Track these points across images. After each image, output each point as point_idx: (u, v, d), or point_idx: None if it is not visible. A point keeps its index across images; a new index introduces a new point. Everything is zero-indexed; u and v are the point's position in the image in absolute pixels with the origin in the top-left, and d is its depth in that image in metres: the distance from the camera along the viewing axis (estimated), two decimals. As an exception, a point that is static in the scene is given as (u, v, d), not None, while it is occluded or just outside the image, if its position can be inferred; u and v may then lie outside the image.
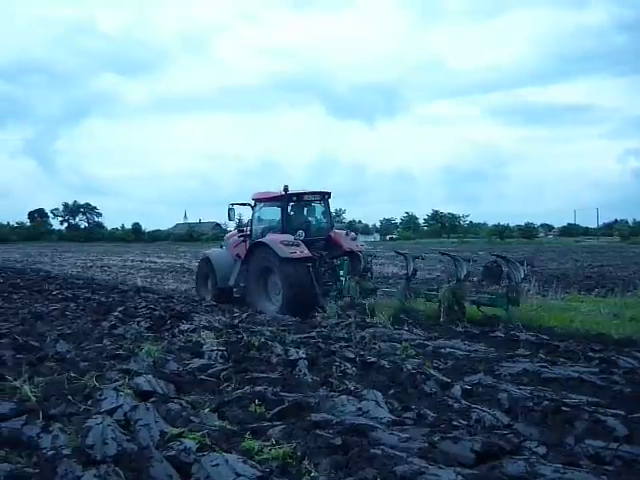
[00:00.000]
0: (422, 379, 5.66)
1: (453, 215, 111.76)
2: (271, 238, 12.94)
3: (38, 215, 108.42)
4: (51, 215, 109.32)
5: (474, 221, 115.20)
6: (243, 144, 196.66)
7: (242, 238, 14.40)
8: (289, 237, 12.74)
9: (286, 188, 13.60)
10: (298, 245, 12.48)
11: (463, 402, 4.96)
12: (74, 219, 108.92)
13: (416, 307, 11.32)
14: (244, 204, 14.96)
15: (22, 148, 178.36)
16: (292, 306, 11.94)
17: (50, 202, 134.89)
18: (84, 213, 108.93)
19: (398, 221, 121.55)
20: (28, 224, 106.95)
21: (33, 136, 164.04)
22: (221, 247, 16.09)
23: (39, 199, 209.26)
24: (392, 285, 16.57)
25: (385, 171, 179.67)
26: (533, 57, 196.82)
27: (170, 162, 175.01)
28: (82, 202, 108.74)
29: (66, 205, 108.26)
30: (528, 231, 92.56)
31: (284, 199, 13.67)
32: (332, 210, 14.77)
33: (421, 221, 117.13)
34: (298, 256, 12.19)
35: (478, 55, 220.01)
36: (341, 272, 12.65)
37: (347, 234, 14.13)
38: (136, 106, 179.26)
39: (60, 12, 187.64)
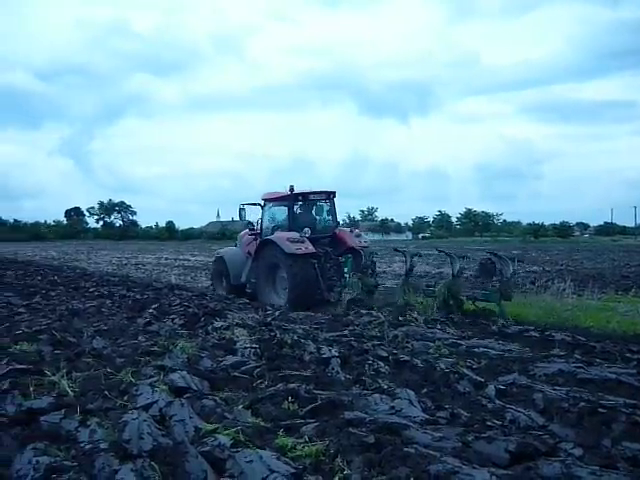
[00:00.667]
0: (455, 378, 5.62)
1: (486, 214, 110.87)
2: (278, 235, 13.66)
3: (74, 213, 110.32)
4: (87, 213, 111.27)
5: (508, 220, 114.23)
6: (275, 143, 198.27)
7: (253, 236, 15.13)
8: (295, 234, 13.39)
9: (292, 188, 14.24)
10: (303, 242, 13.13)
11: (497, 402, 4.91)
12: (109, 217, 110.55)
13: (415, 302, 11.63)
14: (254, 204, 15.57)
15: (59, 147, 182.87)
16: (297, 300, 12.64)
17: (86, 201, 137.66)
18: (119, 211, 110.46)
19: (431, 219, 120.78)
20: (65, 222, 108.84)
21: (69, 136, 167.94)
22: (235, 245, 16.71)
23: (75, 198, 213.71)
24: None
25: (418, 169, 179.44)
26: (568, 53, 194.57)
27: (203, 161, 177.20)
28: (117, 201, 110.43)
29: (101, 204, 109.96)
30: (563, 230, 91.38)
31: (290, 199, 14.36)
32: (338, 208, 15.30)
33: (454, 219, 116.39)
34: (303, 252, 12.91)
35: (512, 51, 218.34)
36: (345, 269, 13.26)
37: (351, 231, 14.68)
38: (170, 106, 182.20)
39: (96, 14, 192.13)
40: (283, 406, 4.72)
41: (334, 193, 15.06)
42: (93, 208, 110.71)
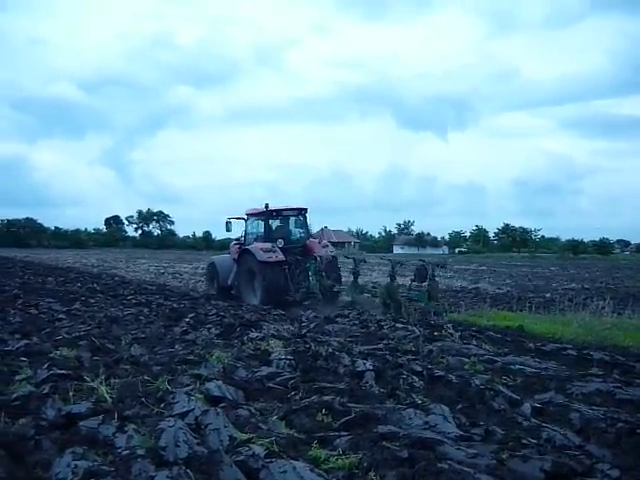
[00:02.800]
0: (491, 395, 5.56)
1: (524, 229, 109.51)
2: (254, 246, 16.25)
3: (114, 222, 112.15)
4: (126, 222, 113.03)
5: (546, 235, 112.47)
6: (313, 154, 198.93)
7: (238, 246, 17.51)
8: (268, 245, 15.78)
9: (267, 205, 16.67)
10: (275, 251, 15.55)
11: (533, 420, 4.84)
12: (148, 226, 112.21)
13: (361, 301, 14.83)
14: (240, 218, 18.04)
15: (100, 157, 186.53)
16: (268, 300, 15.12)
17: (125, 210, 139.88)
18: (157, 221, 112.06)
19: (468, 234, 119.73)
20: (104, 231, 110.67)
21: (111, 146, 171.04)
22: (228, 253, 18.67)
23: (115, 206, 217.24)
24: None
25: (455, 183, 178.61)
26: (609, 68, 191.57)
27: (241, 172, 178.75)
28: (156, 210, 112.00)
29: (140, 213, 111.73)
30: (603, 247, 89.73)
31: (267, 214, 16.82)
32: (309, 222, 17.58)
33: (491, 234, 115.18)
34: (273, 260, 15.38)
35: (552, 66, 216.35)
36: (309, 272, 15.58)
37: (319, 242, 16.90)
38: (209, 117, 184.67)
39: (140, 27, 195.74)
40: (317, 418, 4.73)
41: (306, 209, 17.46)
42: (132, 217, 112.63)
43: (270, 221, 16.95)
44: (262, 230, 16.93)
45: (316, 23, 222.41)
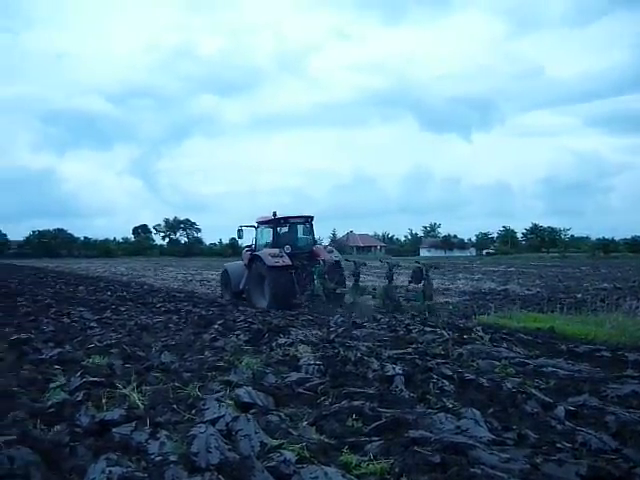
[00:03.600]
0: (523, 398, 5.48)
1: (553, 229, 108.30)
2: (263, 251, 17.14)
3: (141, 231, 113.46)
4: (153, 231, 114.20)
5: (576, 235, 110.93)
6: (337, 159, 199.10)
7: (249, 252, 18.43)
8: (276, 250, 16.73)
9: (275, 214, 17.71)
10: (282, 256, 16.44)
11: (567, 424, 4.78)
12: (175, 234, 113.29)
13: (364, 302, 15.67)
14: (250, 226, 19.06)
15: (127, 168, 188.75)
16: (276, 303, 15.89)
17: (152, 218, 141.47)
18: (184, 229, 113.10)
19: (495, 235, 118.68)
20: (132, 240, 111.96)
21: (138, 156, 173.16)
22: (242, 260, 19.44)
23: (142, 216, 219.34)
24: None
25: (481, 184, 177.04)
26: (635, 62, 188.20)
27: (266, 178, 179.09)
28: (182, 218, 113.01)
29: (167, 221, 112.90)
30: (635, 245, 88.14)
31: (275, 222, 17.87)
32: (315, 229, 18.67)
33: (519, 235, 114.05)
34: (280, 264, 16.19)
35: (577, 62, 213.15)
36: (314, 277, 16.36)
37: (325, 248, 18.58)
38: (234, 125, 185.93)
39: (164, 39, 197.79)
40: (347, 423, 4.72)
41: (312, 217, 18.53)
42: (159, 225, 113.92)
43: (278, 228, 17.97)
44: (270, 237, 17.95)
45: (336, 28, 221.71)
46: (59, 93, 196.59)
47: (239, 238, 19.89)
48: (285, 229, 18.29)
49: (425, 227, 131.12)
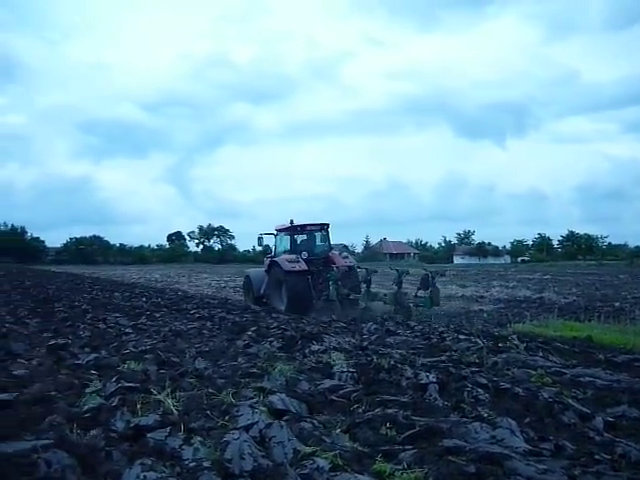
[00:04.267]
0: (560, 409, 5.38)
1: (590, 236, 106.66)
2: (281, 257, 18.19)
3: (176, 238, 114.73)
4: (187, 238, 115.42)
5: (613, 242, 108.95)
6: (370, 166, 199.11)
7: (269, 258, 19.57)
8: (293, 256, 17.71)
9: (292, 221, 18.87)
10: (298, 262, 17.35)
11: (605, 435, 4.68)
12: (209, 241, 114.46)
13: (374, 307, 16.95)
14: (270, 233, 20.27)
15: (162, 175, 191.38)
16: (293, 306, 16.65)
17: (187, 226, 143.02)
18: (218, 236, 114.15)
19: (530, 243, 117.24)
20: (167, 246, 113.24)
21: (172, 164, 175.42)
22: (263, 266, 20.50)
23: (177, 223, 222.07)
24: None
25: (516, 191, 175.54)
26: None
27: (299, 185, 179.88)
28: (216, 225, 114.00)
29: (201, 228, 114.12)
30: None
31: (292, 229, 19.02)
32: (331, 236, 19.54)
33: (555, 242, 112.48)
34: (297, 269, 17.10)
35: (614, 67, 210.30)
36: (330, 282, 17.24)
37: (340, 254, 19.12)
38: (267, 132, 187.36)
39: (197, 47, 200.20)
40: (381, 431, 4.68)
41: (328, 225, 19.39)
42: (193, 232, 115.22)
43: (295, 236, 19.15)
44: (288, 244, 18.99)
45: (369, 35, 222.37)
46: (96, 102, 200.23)
47: (259, 246, 21.32)
48: (302, 236, 19.44)
49: (459, 234, 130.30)
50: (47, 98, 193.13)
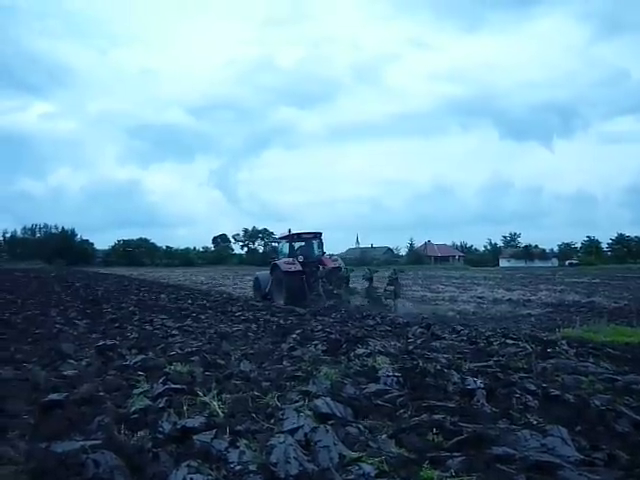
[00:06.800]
0: (612, 417, 5.20)
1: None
2: (280, 260, 22.19)
3: (221, 240, 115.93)
4: (232, 240, 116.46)
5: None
6: (415, 169, 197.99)
7: (272, 262, 23.06)
8: (290, 259, 21.63)
9: (289, 230, 23.07)
10: (294, 264, 21.17)
11: (662, 445, 4.52)
12: (253, 244, 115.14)
13: (351, 299, 20.50)
14: (274, 241, 25.57)
15: (208, 179, 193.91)
16: (289, 301, 19.98)
17: (232, 228, 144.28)
18: (262, 238, 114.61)
19: (578, 245, 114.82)
20: (212, 249, 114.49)
21: (218, 167, 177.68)
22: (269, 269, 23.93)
23: (222, 225, 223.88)
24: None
25: (564, 193, 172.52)
26: None
27: (343, 188, 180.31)
28: (260, 227, 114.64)
29: (246, 231, 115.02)
30: None
31: (290, 237, 23.06)
32: (325, 242, 23.37)
33: (604, 245, 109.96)
34: (293, 270, 20.90)
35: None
36: (320, 281, 20.81)
37: (330, 257, 22.67)
38: (312, 136, 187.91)
39: (243, 52, 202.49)
40: (428, 437, 4.60)
41: (321, 233, 23.44)
42: (238, 235, 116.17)
43: (293, 242, 22.91)
44: (287, 249, 22.75)
45: (413, 37, 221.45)
46: (144, 108, 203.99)
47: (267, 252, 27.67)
48: (299, 243, 23.17)
49: (505, 237, 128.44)
50: (97, 104, 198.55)
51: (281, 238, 24.32)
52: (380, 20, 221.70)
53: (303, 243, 23.20)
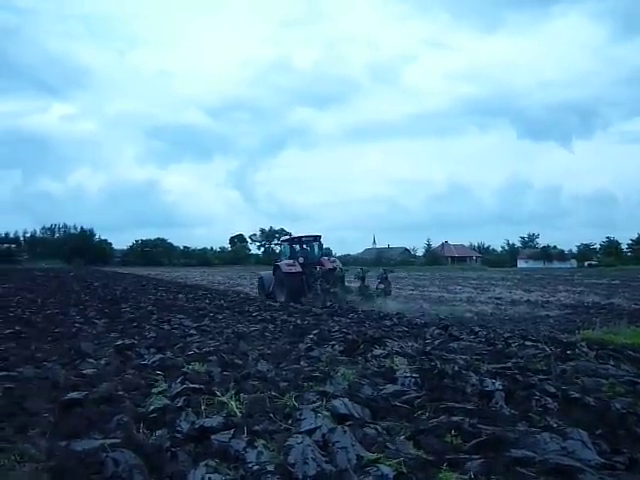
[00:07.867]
0: (634, 420, 5.14)
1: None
2: (282, 262, 23.73)
3: (238, 241, 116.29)
4: (249, 240, 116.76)
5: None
6: (432, 169, 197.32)
7: (276, 264, 24.48)
8: (291, 261, 23.08)
9: (290, 234, 27.07)
10: (294, 265, 22.62)
11: (684, 449, 4.45)
12: (270, 244, 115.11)
13: (346, 297, 21.96)
14: (277, 244, 29.65)
15: (225, 180, 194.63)
16: (289, 299, 21.39)
17: (249, 228, 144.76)
18: (279, 238, 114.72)
19: (597, 246, 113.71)
20: (229, 249, 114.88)
21: (235, 168, 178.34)
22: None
23: (239, 226, 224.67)
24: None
25: (583, 193, 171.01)
26: None
27: (360, 188, 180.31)
28: (277, 228, 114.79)
29: (263, 231, 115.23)
30: None
31: (291, 240, 25.53)
32: (328, 244, 24.58)
33: (624, 246, 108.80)
34: (292, 271, 22.35)
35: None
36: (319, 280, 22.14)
37: (328, 259, 24.03)
38: (328, 136, 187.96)
39: (260, 53, 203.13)
40: (446, 439, 4.57)
41: (320, 236, 24.88)
42: (255, 235, 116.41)
43: (294, 245, 24.72)
44: (289, 251, 24.46)
45: (431, 37, 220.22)
46: (162, 108, 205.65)
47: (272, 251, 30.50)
48: (299, 246, 24.66)
49: (523, 237, 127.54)
50: (116, 105, 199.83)
51: (284, 241, 27.00)
52: (397, 20, 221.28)
53: (303, 245, 24.74)
